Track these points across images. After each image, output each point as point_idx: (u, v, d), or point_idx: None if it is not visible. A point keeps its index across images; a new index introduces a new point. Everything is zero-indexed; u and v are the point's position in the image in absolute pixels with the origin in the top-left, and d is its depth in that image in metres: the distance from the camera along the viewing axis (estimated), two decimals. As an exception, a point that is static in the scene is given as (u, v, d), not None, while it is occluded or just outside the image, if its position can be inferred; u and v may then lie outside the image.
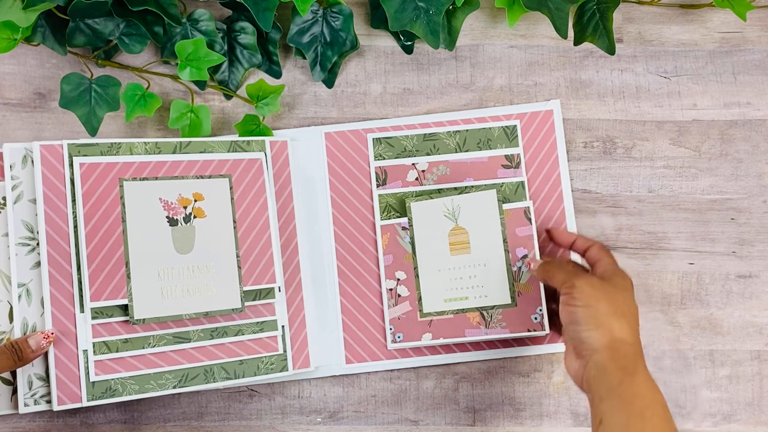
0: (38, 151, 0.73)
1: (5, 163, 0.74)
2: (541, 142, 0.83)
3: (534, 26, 0.87)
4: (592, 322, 0.66)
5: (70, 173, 0.74)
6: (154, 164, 0.76)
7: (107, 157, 0.75)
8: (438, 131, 0.83)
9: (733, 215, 0.84)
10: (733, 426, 0.81)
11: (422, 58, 0.86)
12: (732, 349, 0.82)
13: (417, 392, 0.81)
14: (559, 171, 0.83)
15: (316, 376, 0.80)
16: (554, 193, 0.83)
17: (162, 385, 0.74)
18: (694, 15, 0.88)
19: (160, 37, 0.79)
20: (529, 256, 0.79)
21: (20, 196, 0.74)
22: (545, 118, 0.84)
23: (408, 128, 0.83)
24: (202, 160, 0.77)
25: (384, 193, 0.81)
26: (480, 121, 0.83)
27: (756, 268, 0.83)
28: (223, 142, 0.79)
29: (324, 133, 0.83)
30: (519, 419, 0.81)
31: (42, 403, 0.73)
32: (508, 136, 0.83)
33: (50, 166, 0.73)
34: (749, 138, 0.85)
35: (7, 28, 0.74)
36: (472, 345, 0.80)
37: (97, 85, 0.78)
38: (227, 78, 0.83)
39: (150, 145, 0.76)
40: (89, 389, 0.72)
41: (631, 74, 0.86)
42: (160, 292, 0.73)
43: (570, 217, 0.82)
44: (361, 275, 0.81)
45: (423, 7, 0.77)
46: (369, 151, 0.82)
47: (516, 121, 0.83)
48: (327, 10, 0.81)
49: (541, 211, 0.82)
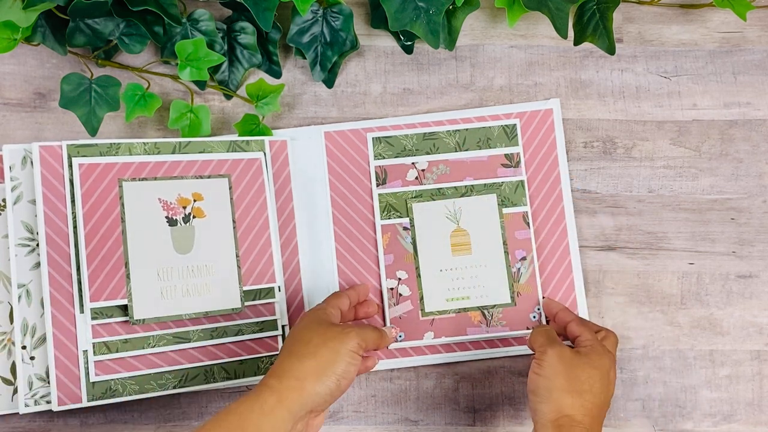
0: (37, 152, 0.73)
1: (5, 164, 0.74)
2: (541, 141, 0.83)
3: (534, 26, 0.87)
4: (545, 394, 0.67)
5: (70, 174, 0.74)
6: (153, 164, 0.76)
7: (106, 157, 0.75)
8: (438, 130, 0.83)
9: (733, 215, 0.84)
10: (733, 426, 0.81)
11: (422, 58, 0.86)
12: (732, 349, 0.82)
13: (417, 392, 0.81)
14: (558, 170, 0.83)
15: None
16: (554, 192, 0.83)
17: (162, 385, 0.74)
18: (694, 15, 0.88)
19: (160, 37, 0.79)
20: (527, 258, 0.79)
21: (20, 197, 0.74)
22: (545, 117, 0.84)
23: (408, 127, 0.83)
24: (202, 160, 0.77)
25: (383, 192, 0.81)
26: (480, 120, 0.83)
27: (756, 268, 0.83)
28: (222, 142, 0.79)
29: (324, 132, 0.83)
30: (519, 419, 0.81)
31: (42, 404, 0.73)
32: (508, 135, 0.83)
33: (49, 166, 0.73)
34: (749, 138, 0.85)
35: (7, 28, 0.74)
36: (473, 344, 0.80)
37: (97, 85, 0.78)
38: (227, 78, 0.83)
39: (149, 146, 0.76)
40: (89, 389, 0.73)
41: (631, 74, 0.86)
42: (160, 292, 0.73)
43: (569, 215, 0.82)
44: (361, 274, 0.81)
45: (423, 7, 0.77)
46: (369, 151, 0.82)
47: (516, 120, 0.83)
48: (327, 10, 0.81)
49: (541, 210, 0.82)
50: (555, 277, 0.81)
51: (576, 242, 0.82)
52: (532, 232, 0.80)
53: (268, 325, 0.77)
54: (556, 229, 0.82)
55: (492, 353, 0.80)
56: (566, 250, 0.81)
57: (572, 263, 0.81)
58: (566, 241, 0.82)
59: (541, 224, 0.82)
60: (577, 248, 0.82)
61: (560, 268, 0.81)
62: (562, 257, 0.82)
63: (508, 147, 0.82)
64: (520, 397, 0.81)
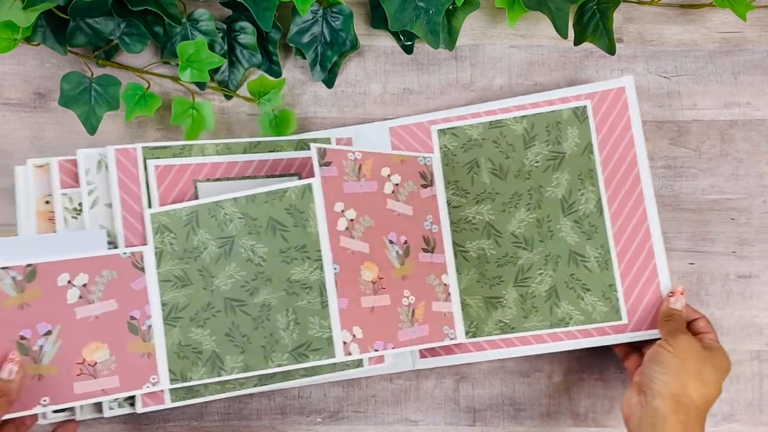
0: (113, 155, 0.74)
1: (80, 169, 0.74)
2: (614, 122, 0.79)
3: (534, 26, 0.87)
4: (673, 370, 0.67)
5: (145, 176, 0.74)
6: (226, 165, 0.77)
7: (180, 158, 0.75)
8: (504, 117, 0.80)
9: (733, 215, 0.84)
10: (733, 426, 0.81)
11: (422, 58, 0.86)
12: (732, 349, 0.81)
13: (417, 392, 0.81)
14: (634, 151, 0.78)
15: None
16: (630, 175, 0.79)
17: (242, 384, 0.74)
18: (694, 15, 0.88)
19: (160, 36, 0.79)
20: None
21: (96, 201, 0.74)
22: (617, 96, 0.80)
23: (473, 117, 0.81)
24: (272, 159, 0.78)
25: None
26: (548, 104, 0.80)
27: (756, 268, 0.83)
28: (290, 141, 0.79)
29: (389, 128, 0.82)
30: (519, 419, 0.81)
31: (126, 406, 0.73)
32: (578, 117, 0.80)
33: (125, 169, 0.74)
34: (749, 138, 0.85)
35: (7, 28, 0.74)
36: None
37: (97, 84, 0.78)
38: (227, 78, 0.83)
39: (221, 146, 0.77)
40: (172, 391, 0.73)
41: (631, 74, 0.86)
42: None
43: (649, 198, 0.78)
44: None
45: (423, 7, 0.77)
46: (434, 143, 0.81)
47: (586, 101, 0.80)
48: (327, 10, 0.81)
49: (617, 195, 0.79)
50: (634, 267, 0.78)
51: (658, 225, 0.78)
52: (608, 216, 0.78)
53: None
54: (635, 213, 0.78)
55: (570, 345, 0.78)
56: (647, 234, 0.78)
57: (654, 248, 0.77)
58: (646, 225, 0.78)
59: (617, 210, 0.78)
60: (659, 232, 0.77)
61: (641, 254, 0.78)
62: (642, 242, 0.78)
63: (577, 129, 0.79)
64: (520, 397, 0.81)
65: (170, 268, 0.73)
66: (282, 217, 0.73)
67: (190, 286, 0.73)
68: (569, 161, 0.80)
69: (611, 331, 0.77)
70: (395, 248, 0.76)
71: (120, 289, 0.72)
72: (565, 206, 0.79)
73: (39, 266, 0.70)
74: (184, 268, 0.73)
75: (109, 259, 0.72)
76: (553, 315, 0.78)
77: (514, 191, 0.80)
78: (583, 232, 0.79)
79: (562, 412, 0.81)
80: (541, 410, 0.81)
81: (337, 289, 0.72)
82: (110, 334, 0.71)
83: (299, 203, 0.73)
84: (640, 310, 0.77)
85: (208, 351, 0.72)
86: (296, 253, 0.73)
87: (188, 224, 0.73)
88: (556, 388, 0.81)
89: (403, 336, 0.74)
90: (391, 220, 0.76)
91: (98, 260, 0.71)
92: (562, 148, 0.80)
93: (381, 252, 0.75)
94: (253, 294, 0.73)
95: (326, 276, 0.72)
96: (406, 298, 0.75)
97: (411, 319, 0.75)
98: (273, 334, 0.72)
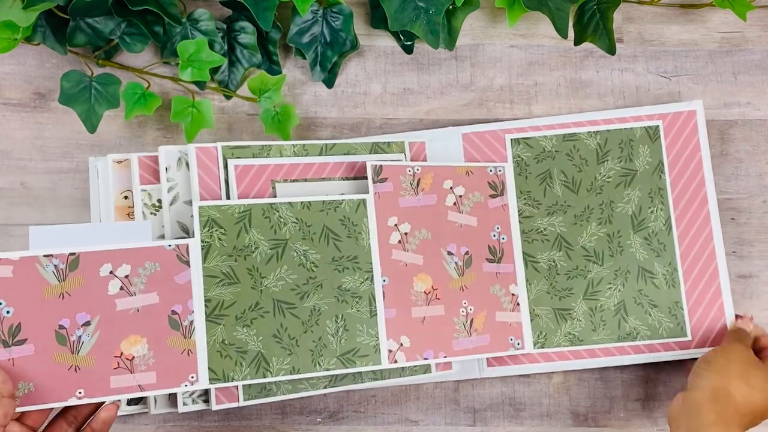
0: (194, 153, 0.74)
1: (160, 165, 0.74)
2: (684, 143, 0.82)
3: (534, 26, 0.87)
4: (718, 368, 0.68)
5: (225, 175, 0.74)
6: (303, 166, 0.77)
7: (259, 159, 0.75)
8: (578, 131, 0.82)
9: (733, 215, 0.84)
10: (734, 426, 0.81)
11: (422, 58, 0.86)
12: (732, 349, 0.81)
13: (417, 392, 0.81)
14: (703, 173, 0.81)
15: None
16: (698, 196, 0.81)
17: (314, 385, 0.74)
18: (694, 15, 0.88)
19: (160, 36, 0.79)
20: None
21: (176, 198, 0.74)
22: (688, 119, 0.82)
23: (546, 128, 0.82)
24: (347, 162, 0.78)
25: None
26: (621, 122, 0.82)
27: (756, 268, 0.83)
28: (365, 143, 0.79)
29: (462, 134, 0.82)
30: (519, 419, 0.80)
31: (200, 403, 0.73)
32: (651, 136, 0.81)
33: (205, 167, 0.74)
34: (749, 138, 0.85)
35: (7, 27, 0.74)
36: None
37: (97, 83, 0.78)
38: (227, 78, 0.83)
39: (298, 148, 0.77)
40: (246, 389, 0.73)
41: (631, 74, 0.86)
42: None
43: (715, 218, 0.80)
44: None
45: (423, 7, 0.77)
46: (507, 152, 0.82)
47: (658, 121, 0.82)
48: (327, 10, 0.81)
49: (685, 215, 0.80)
50: (701, 282, 0.80)
51: (722, 247, 0.80)
52: (676, 235, 0.80)
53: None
54: (701, 233, 0.80)
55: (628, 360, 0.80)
56: (712, 254, 0.80)
57: (718, 268, 0.80)
58: (712, 245, 0.80)
59: (685, 229, 0.80)
60: (723, 253, 0.80)
61: (705, 273, 0.80)
62: (707, 262, 0.80)
63: (649, 148, 0.81)
64: (520, 397, 0.81)
65: (218, 264, 0.71)
66: (336, 227, 0.74)
67: (238, 284, 0.71)
68: (640, 179, 0.81)
69: (676, 347, 0.79)
70: (454, 259, 0.77)
71: (163, 282, 0.70)
72: (635, 223, 0.81)
73: (82, 255, 0.68)
74: (233, 265, 0.72)
75: (153, 251, 0.70)
76: (621, 329, 0.79)
77: (585, 205, 0.81)
78: (652, 249, 0.80)
79: (562, 412, 0.81)
80: (541, 410, 0.81)
81: (385, 300, 0.73)
82: (150, 328, 0.69)
83: (353, 216, 0.74)
84: (703, 328, 0.79)
85: (253, 351, 0.71)
86: (348, 263, 0.73)
87: (240, 222, 0.72)
88: (556, 388, 0.81)
89: (458, 345, 0.75)
90: (452, 231, 0.77)
91: (142, 251, 0.70)
92: (633, 165, 0.81)
93: (437, 263, 0.76)
94: (303, 298, 0.73)
95: (375, 288, 0.73)
96: (464, 308, 0.76)
97: (469, 328, 0.76)
98: (321, 338, 0.72)
